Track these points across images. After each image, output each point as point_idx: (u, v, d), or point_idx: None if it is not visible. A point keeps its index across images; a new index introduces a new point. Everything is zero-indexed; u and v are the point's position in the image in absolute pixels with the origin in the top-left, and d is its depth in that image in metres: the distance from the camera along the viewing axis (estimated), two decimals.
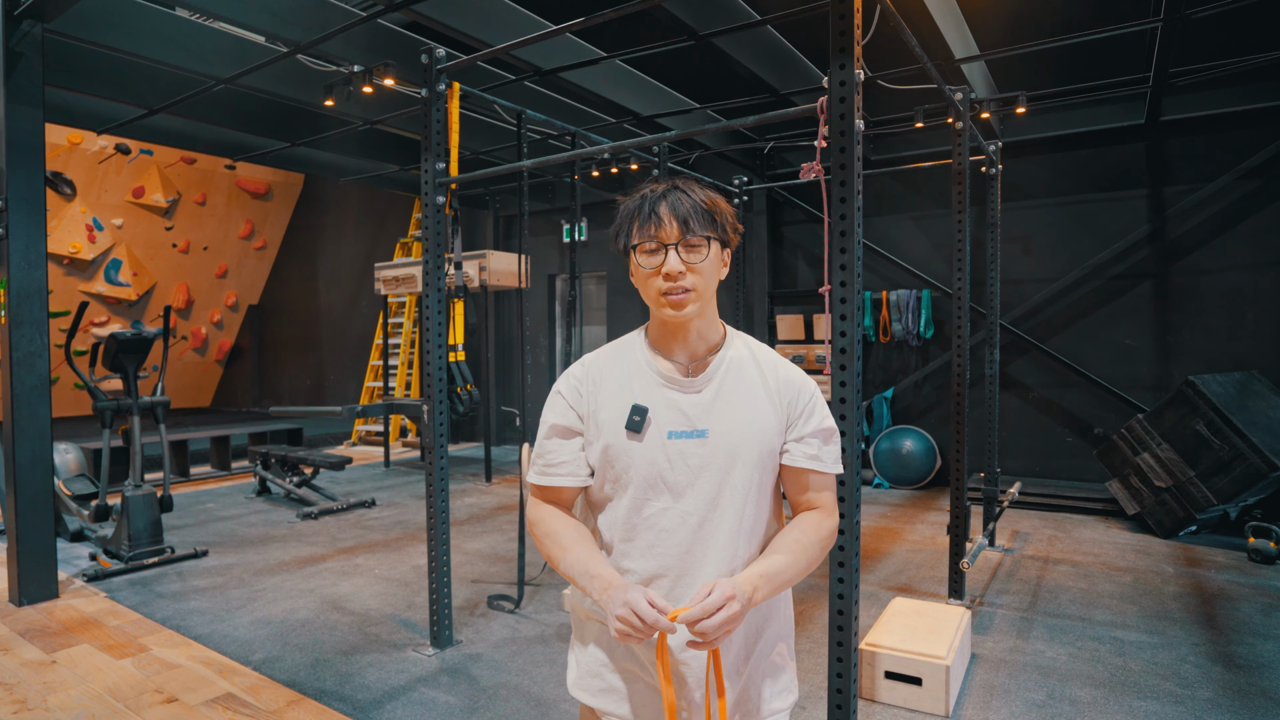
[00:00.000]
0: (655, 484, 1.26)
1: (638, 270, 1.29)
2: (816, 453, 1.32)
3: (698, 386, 1.30)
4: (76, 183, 11.29)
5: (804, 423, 1.32)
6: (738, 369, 1.32)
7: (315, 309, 13.30)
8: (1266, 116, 5.73)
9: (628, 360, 1.34)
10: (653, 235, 1.25)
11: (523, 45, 3.46)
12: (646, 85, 6.04)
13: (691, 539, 1.26)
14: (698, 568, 1.25)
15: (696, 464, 1.26)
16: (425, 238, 3.42)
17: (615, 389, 1.31)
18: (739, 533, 1.27)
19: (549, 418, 1.36)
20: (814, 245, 7.98)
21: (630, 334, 1.40)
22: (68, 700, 2.97)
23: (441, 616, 3.46)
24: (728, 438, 1.27)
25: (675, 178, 1.34)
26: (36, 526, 4.07)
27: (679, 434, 1.27)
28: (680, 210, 1.25)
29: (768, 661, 1.34)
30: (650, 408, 1.28)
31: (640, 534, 1.28)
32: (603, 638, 1.32)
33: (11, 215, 3.97)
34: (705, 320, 1.32)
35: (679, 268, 1.24)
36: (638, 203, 1.29)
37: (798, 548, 1.26)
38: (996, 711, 2.86)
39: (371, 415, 7.85)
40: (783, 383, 1.33)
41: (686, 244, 1.25)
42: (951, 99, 3.96)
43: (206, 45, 5.13)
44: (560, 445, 1.33)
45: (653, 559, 1.27)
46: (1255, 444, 4.87)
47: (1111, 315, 6.41)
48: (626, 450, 1.27)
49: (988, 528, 4.85)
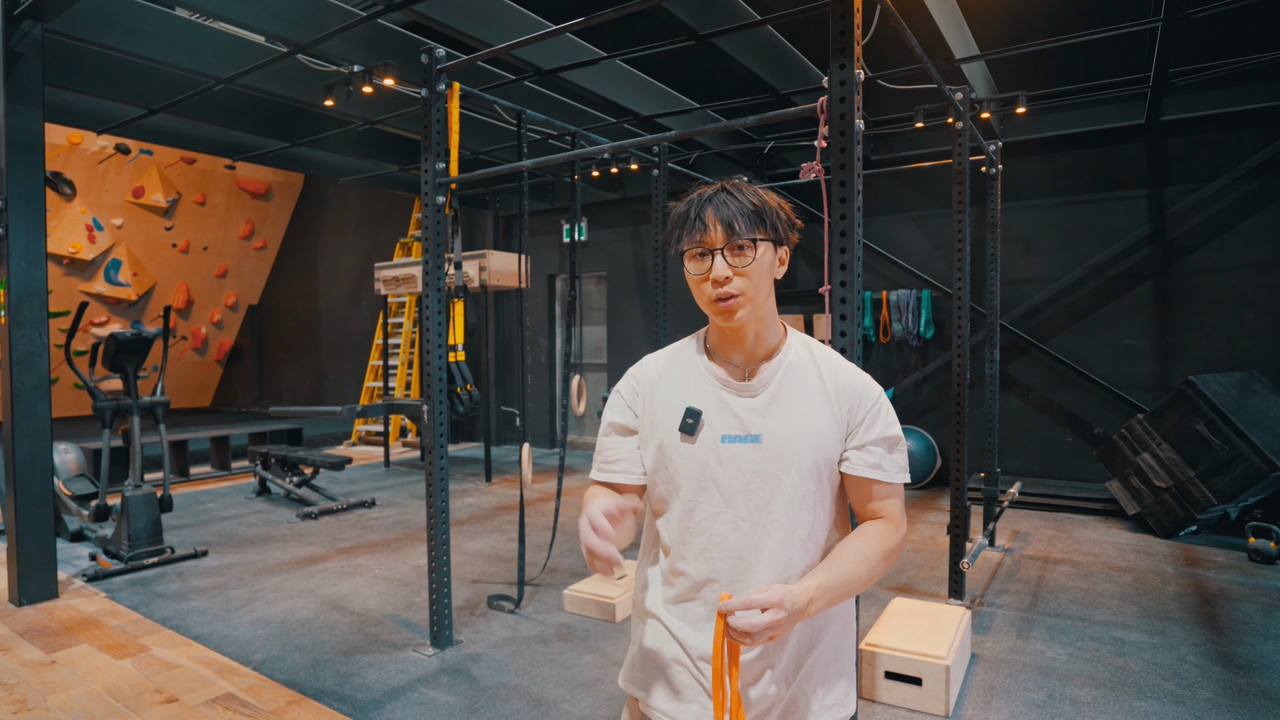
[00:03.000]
0: (707, 487, 1.26)
1: (689, 276, 1.28)
2: (879, 461, 1.28)
3: (753, 390, 1.28)
4: (76, 183, 11.29)
5: (865, 430, 1.28)
6: (796, 373, 1.30)
7: (315, 309, 13.30)
8: (1266, 116, 5.73)
9: (686, 362, 1.34)
10: (699, 241, 1.24)
11: (523, 45, 3.46)
12: (646, 85, 6.04)
13: (743, 545, 1.25)
14: (750, 574, 1.24)
15: (749, 469, 1.25)
16: (425, 238, 3.42)
17: (672, 390, 1.32)
18: (793, 540, 1.24)
19: (608, 416, 1.38)
20: (814, 245, 7.98)
21: (690, 336, 1.40)
22: (67, 700, 2.97)
23: (441, 616, 3.46)
24: (782, 443, 1.25)
25: (725, 179, 1.32)
26: (36, 526, 4.07)
27: (732, 438, 1.26)
28: (725, 214, 1.23)
29: (821, 672, 1.31)
30: (704, 410, 1.27)
31: (693, 538, 1.27)
32: (655, 634, 1.32)
33: (11, 215, 3.97)
34: (762, 322, 1.30)
35: (725, 273, 1.22)
36: (685, 208, 1.28)
37: (859, 558, 1.22)
38: (996, 711, 2.86)
39: (371, 415, 7.85)
40: (843, 388, 1.29)
41: (732, 248, 1.23)
42: (951, 99, 3.96)
43: (206, 45, 5.13)
44: (618, 443, 1.35)
45: (705, 563, 1.26)
46: (1255, 444, 4.87)
47: (1111, 315, 6.41)
48: (680, 452, 1.27)
49: (988, 528, 4.85)
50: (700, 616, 1.27)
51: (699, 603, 1.27)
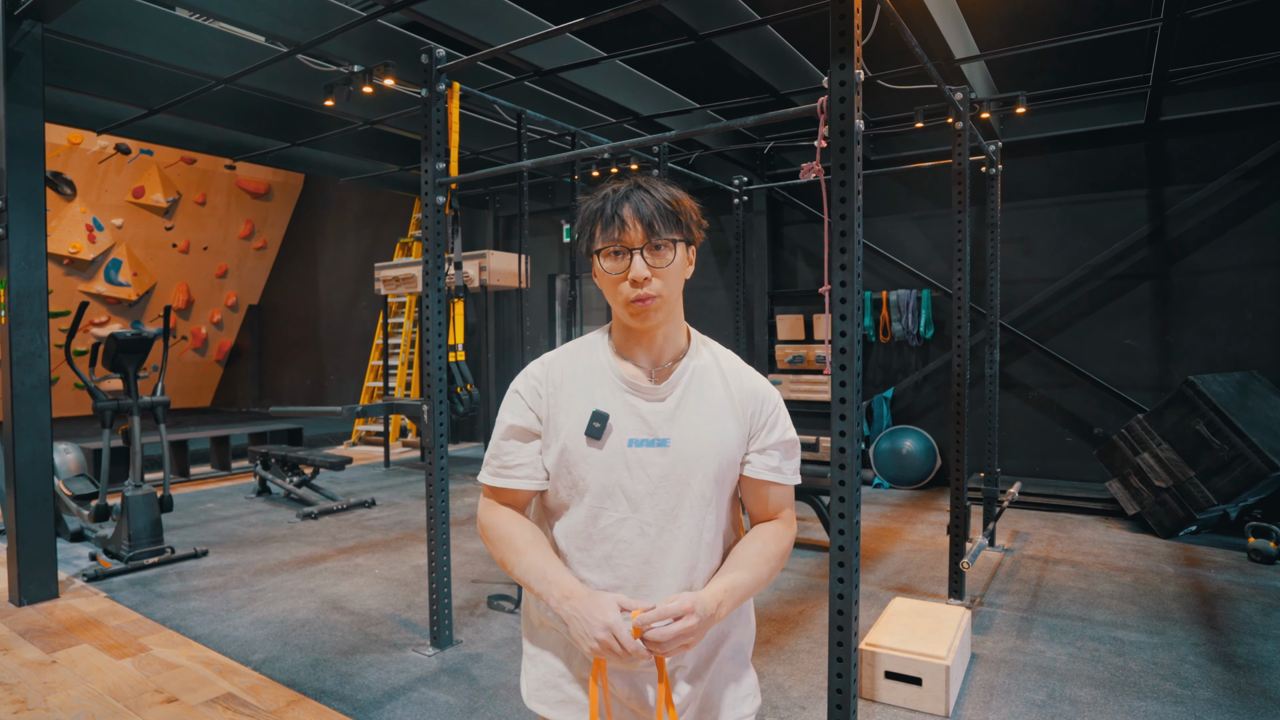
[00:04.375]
0: (613, 493, 1.22)
1: (602, 274, 1.24)
2: (778, 465, 1.30)
3: (661, 394, 1.26)
4: (76, 183, 11.29)
5: (766, 434, 1.29)
6: (702, 377, 1.28)
7: (315, 309, 13.30)
8: (1266, 116, 5.73)
9: (590, 362, 1.29)
10: (616, 239, 1.20)
11: (523, 45, 3.46)
12: (646, 85, 6.04)
13: (650, 550, 1.22)
14: (656, 579, 1.22)
15: (656, 474, 1.22)
16: (425, 238, 3.42)
17: (576, 392, 1.26)
18: (699, 544, 1.24)
19: (506, 418, 1.30)
20: (814, 245, 7.98)
21: (593, 333, 1.35)
22: (68, 700, 2.97)
23: (441, 616, 3.46)
24: (689, 447, 1.23)
25: (638, 175, 1.29)
26: (36, 526, 4.07)
27: (639, 442, 1.23)
28: (644, 212, 1.19)
29: (729, 667, 1.31)
30: (611, 414, 1.23)
31: (597, 544, 1.23)
32: (559, 646, 1.28)
33: (11, 215, 3.97)
34: (671, 325, 1.28)
35: (644, 273, 1.19)
36: (599, 204, 1.23)
37: (759, 560, 1.25)
38: (996, 711, 2.86)
39: (371, 415, 7.85)
40: (746, 393, 1.30)
41: (651, 247, 1.20)
42: (951, 99, 3.96)
43: (206, 45, 5.13)
44: (518, 447, 1.28)
45: (609, 570, 1.23)
46: (1255, 444, 4.87)
47: (1111, 315, 6.41)
48: (585, 457, 1.23)
49: (988, 528, 4.85)
50: None
51: None
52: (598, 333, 1.35)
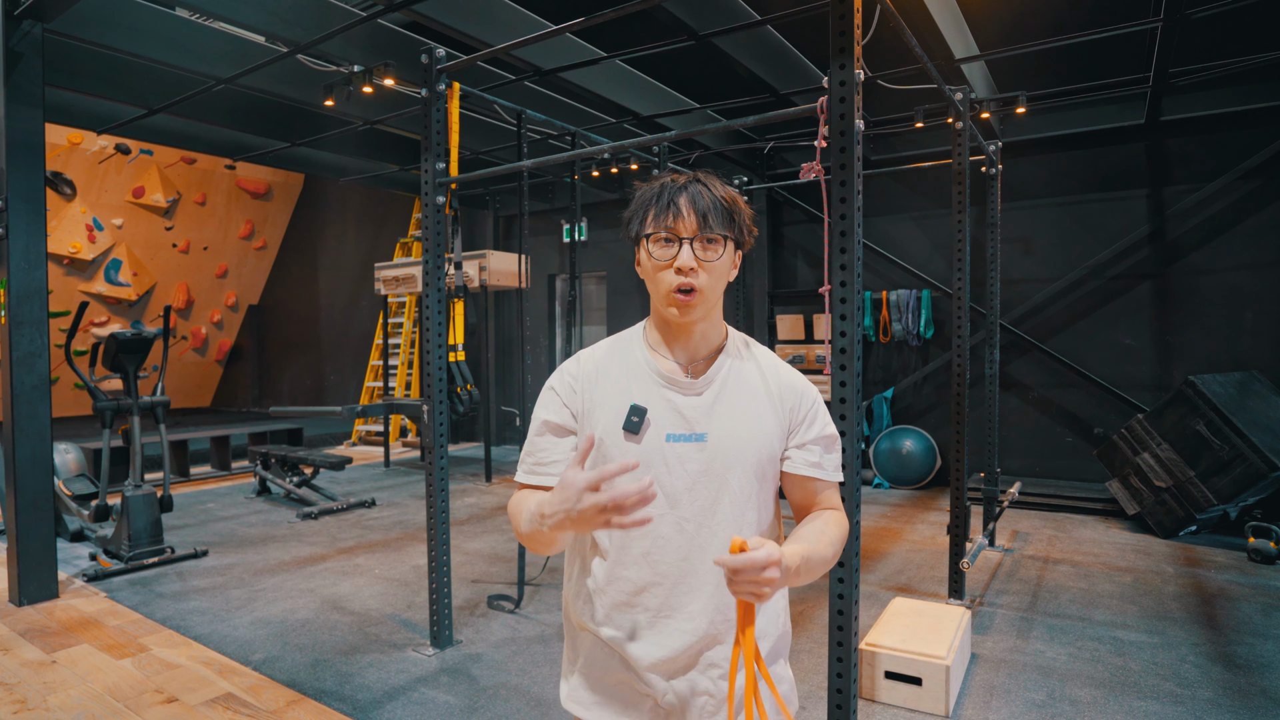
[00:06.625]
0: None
1: (647, 261, 1.24)
2: (819, 460, 1.28)
3: (698, 389, 1.25)
4: (76, 183, 11.29)
5: (806, 429, 1.28)
6: (739, 372, 1.28)
7: (315, 309, 13.30)
8: (1266, 116, 5.73)
9: (626, 358, 1.29)
10: (669, 226, 1.20)
11: (523, 45, 3.46)
12: (646, 85, 6.04)
13: (689, 546, 1.22)
14: (694, 575, 1.22)
15: (694, 469, 1.22)
16: (425, 238, 3.42)
17: (612, 387, 1.26)
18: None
19: (541, 414, 1.30)
20: (814, 245, 7.98)
21: (629, 330, 1.36)
22: (68, 700, 2.97)
23: (441, 616, 3.46)
24: (727, 443, 1.23)
25: (698, 170, 1.29)
26: (36, 526, 4.07)
27: (677, 437, 1.22)
28: (700, 204, 1.20)
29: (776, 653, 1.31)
30: (649, 409, 1.23)
31: (635, 541, 1.23)
32: (595, 649, 1.28)
33: (11, 215, 3.97)
34: (709, 322, 1.27)
35: (691, 263, 1.19)
36: (656, 191, 1.24)
37: (824, 540, 1.20)
38: (996, 711, 2.86)
39: (371, 415, 7.86)
40: (785, 388, 1.29)
41: (703, 240, 1.20)
42: (951, 99, 3.96)
43: (206, 45, 5.13)
44: (553, 443, 1.28)
45: (647, 566, 1.22)
46: (1255, 444, 4.87)
47: (1111, 315, 6.41)
48: (623, 451, 1.22)
49: (988, 528, 4.85)
50: (641, 624, 1.23)
51: (639, 609, 1.23)
52: (635, 329, 1.35)
